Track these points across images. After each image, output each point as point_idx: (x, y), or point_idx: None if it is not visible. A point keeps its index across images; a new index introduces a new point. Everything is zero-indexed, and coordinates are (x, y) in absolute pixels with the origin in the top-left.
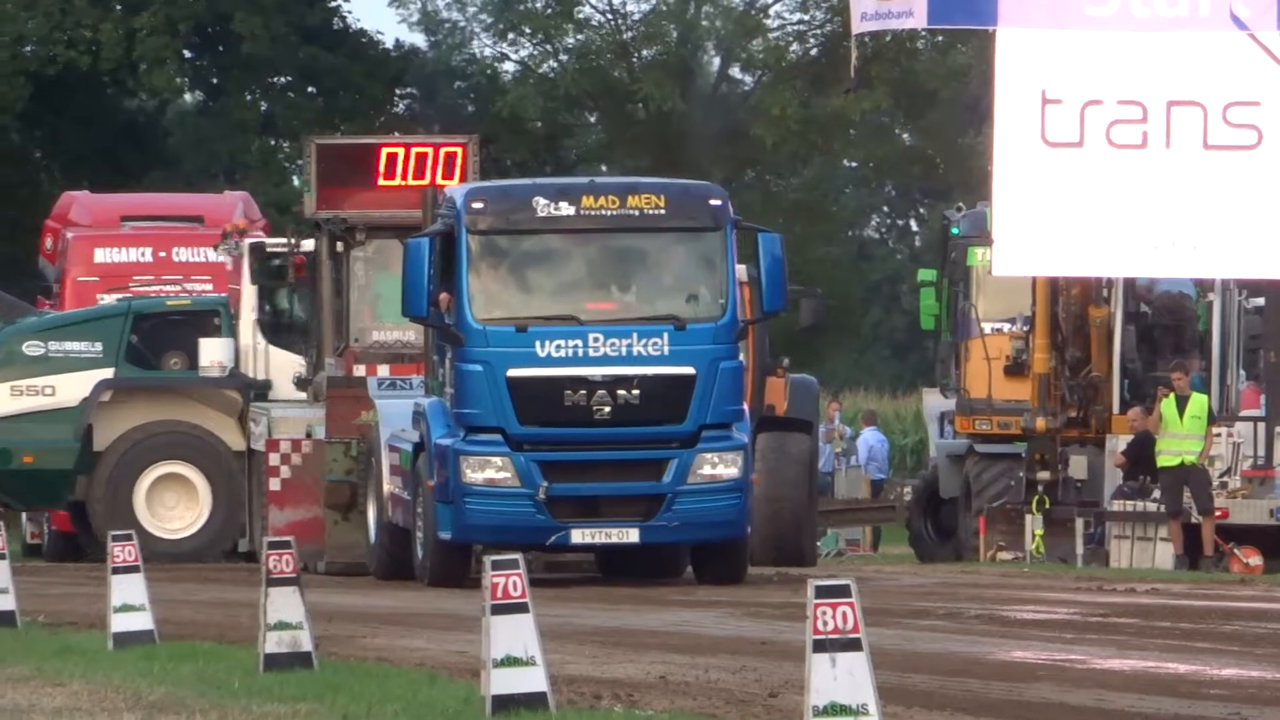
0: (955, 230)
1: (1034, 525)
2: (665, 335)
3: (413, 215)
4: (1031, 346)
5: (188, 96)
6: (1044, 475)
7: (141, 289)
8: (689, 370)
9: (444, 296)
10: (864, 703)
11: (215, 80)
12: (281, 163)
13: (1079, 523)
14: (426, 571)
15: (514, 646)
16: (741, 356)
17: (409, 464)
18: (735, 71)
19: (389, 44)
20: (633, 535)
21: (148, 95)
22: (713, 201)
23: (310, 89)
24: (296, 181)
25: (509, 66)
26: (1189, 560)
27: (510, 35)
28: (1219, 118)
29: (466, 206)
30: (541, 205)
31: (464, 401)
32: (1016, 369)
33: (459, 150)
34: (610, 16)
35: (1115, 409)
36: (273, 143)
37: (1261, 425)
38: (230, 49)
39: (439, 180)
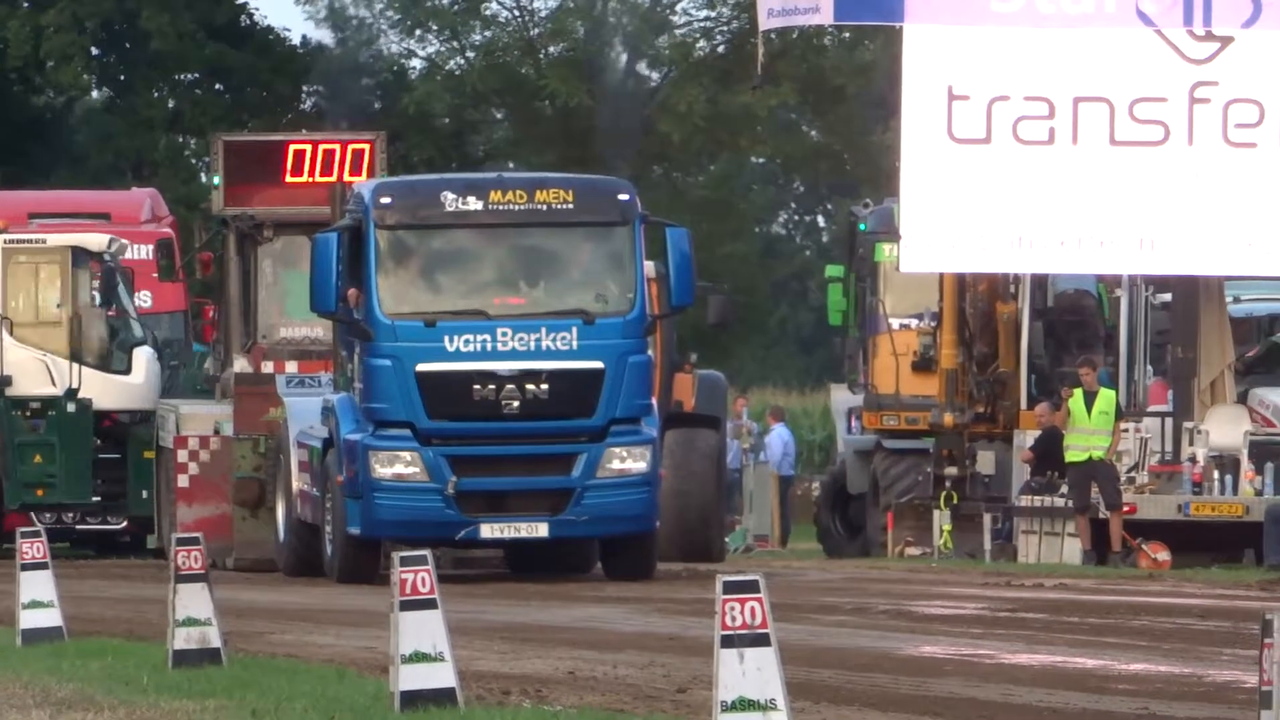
0: (863, 226)
1: (942, 521)
2: (574, 330)
3: (320, 212)
4: (939, 342)
5: (95, 93)
6: (952, 471)
7: None
8: (598, 365)
9: (352, 292)
10: (772, 698)
11: (122, 77)
12: (189, 160)
13: (987, 518)
14: (336, 568)
15: (422, 642)
16: (650, 352)
17: (318, 460)
18: (642, 68)
19: (296, 41)
20: (542, 530)
21: (54, 92)
22: (621, 196)
23: (217, 86)
24: (204, 178)
25: (416, 63)
26: (1097, 555)
27: (417, 32)
28: (1126, 114)
29: (374, 201)
30: (450, 200)
31: (373, 396)
32: (924, 365)
33: (367, 147)
34: (517, 13)
35: (1023, 405)
36: (180, 140)
37: (1169, 421)
38: (137, 46)
39: (347, 177)
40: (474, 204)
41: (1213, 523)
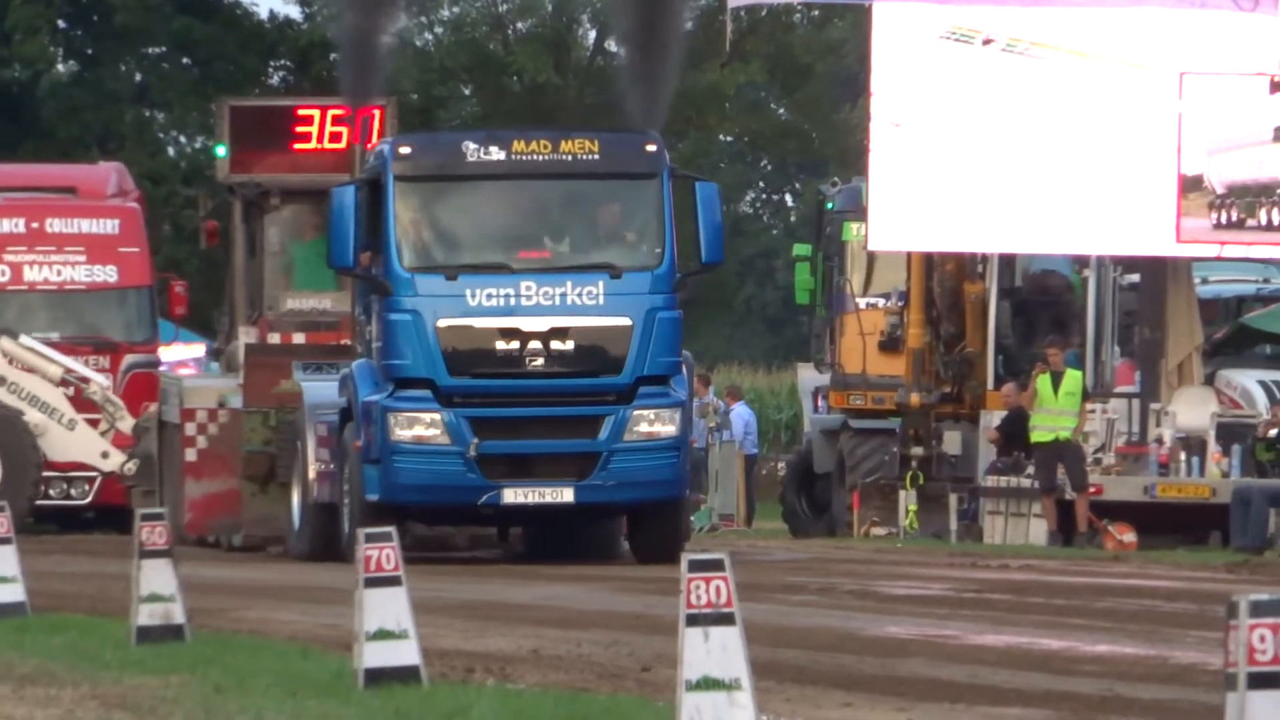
0: (830, 205)
1: (908, 501)
2: (600, 284)
3: (329, 179)
4: (906, 322)
5: (61, 67)
6: (918, 451)
7: (14, 260)
8: (625, 321)
9: (365, 255)
10: (736, 677)
11: (89, 51)
12: (156, 133)
13: (953, 499)
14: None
15: (386, 620)
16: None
17: (336, 434)
18: (610, 45)
19: (263, 15)
20: (567, 495)
21: (21, 66)
22: (649, 148)
23: (184, 60)
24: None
25: (383, 39)
26: (1063, 536)
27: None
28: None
29: (394, 153)
30: (471, 151)
31: (391, 353)
32: (891, 344)
33: (377, 112)
34: None
35: (989, 385)
36: (147, 113)
37: (1136, 402)
38: (104, 19)
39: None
40: (496, 155)
41: (1179, 504)
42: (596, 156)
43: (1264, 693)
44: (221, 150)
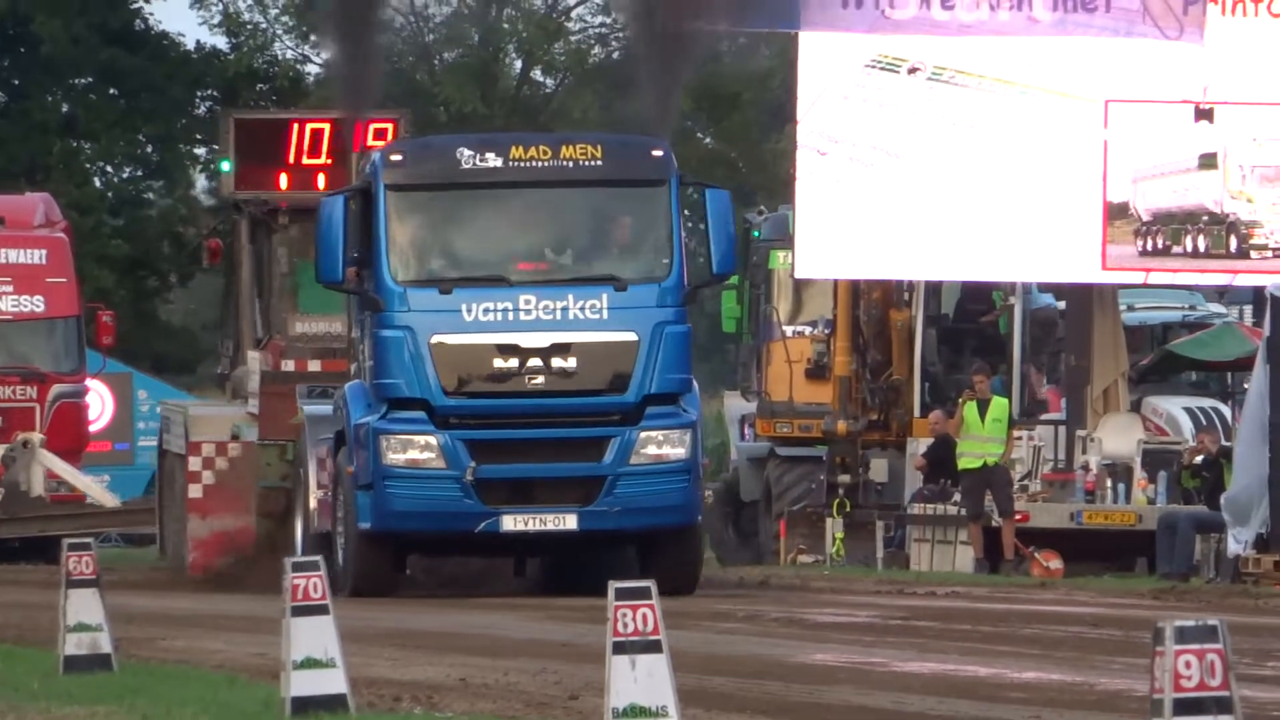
0: (757, 234)
1: (834, 528)
2: (604, 297)
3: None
4: (833, 350)
5: None
6: (845, 478)
7: None
8: (631, 336)
9: (351, 272)
10: (663, 704)
11: (16, 82)
12: (83, 164)
13: (879, 526)
14: (349, 575)
15: (314, 648)
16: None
17: (331, 459)
18: (537, 74)
19: (190, 46)
20: (570, 522)
21: None
22: (655, 153)
23: (112, 90)
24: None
25: (312, 69)
26: (989, 563)
27: (312, 38)
28: (1013, 122)
29: (385, 161)
30: (466, 157)
31: (383, 372)
32: (818, 372)
33: (390, 126)
34: (412, 19)
35: (916, 412)
36: (74, 144)
37: (1062, 429)
38: (31, 50)
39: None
40: (493, 162)
41: (1105, 531)
42: (600, 162)
43: (1190, 719)
44: (226, 165)
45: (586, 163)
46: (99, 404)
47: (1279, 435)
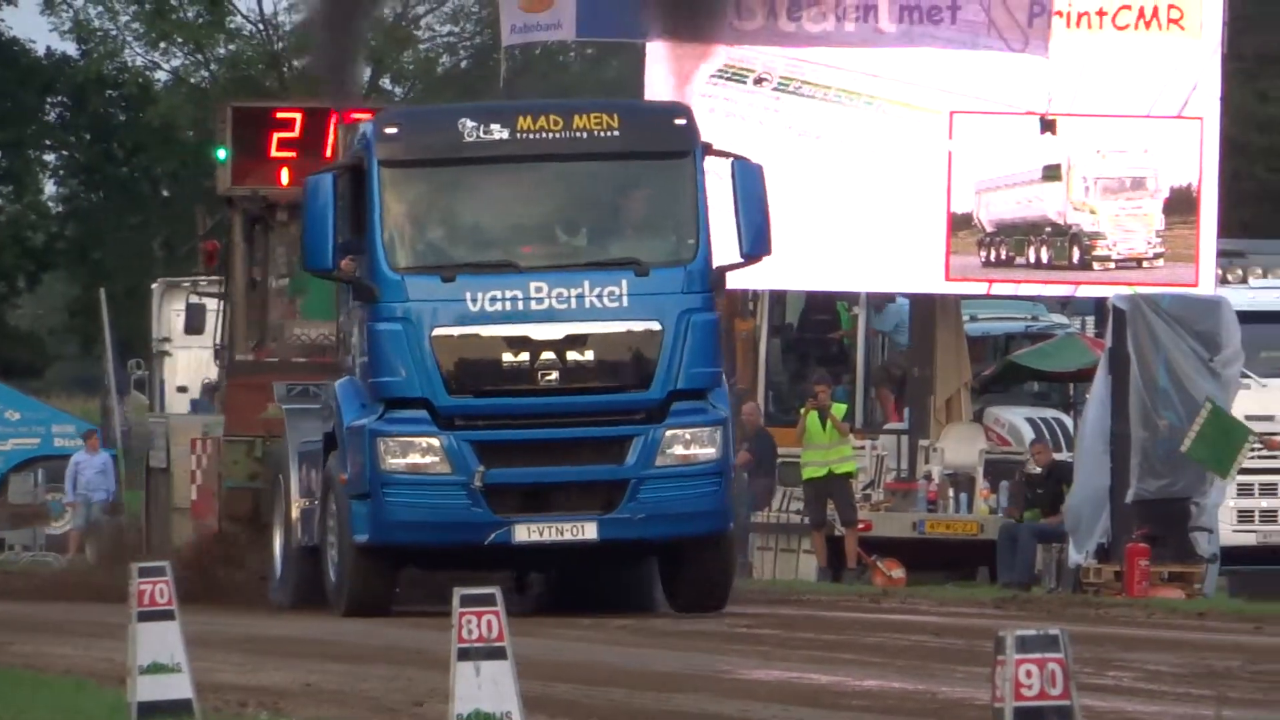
0: None
1: None
2: (624, 283)
3: None
4: None
5: None
6: None
7: None
8: (654, 325)
9: (345, 262)
10: (508, 711)
11: None
12: None
13: None
14: (343, 593)
15: (160, 653)
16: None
17: (320, 465)
18: (386, 83)
19: (40, 52)
20: (589, 531)
21: None
22: (677, 121)
23: None
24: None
25: (161, 76)
26: (832, 572)
27: (162, 45)
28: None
29: (378, 134)
30: (469, 129)
31: (380, 369)
32: None
33: (367, 118)
34: (261, 27)
35: (760, 421)
36: None
37: (905, 438)
38: None
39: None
40: (499, 133)
41: (947, 540)
42: (617, 133)
43: None
44: (222, 154)
45: (602, 133)
46: None
47: (1120, 445)
